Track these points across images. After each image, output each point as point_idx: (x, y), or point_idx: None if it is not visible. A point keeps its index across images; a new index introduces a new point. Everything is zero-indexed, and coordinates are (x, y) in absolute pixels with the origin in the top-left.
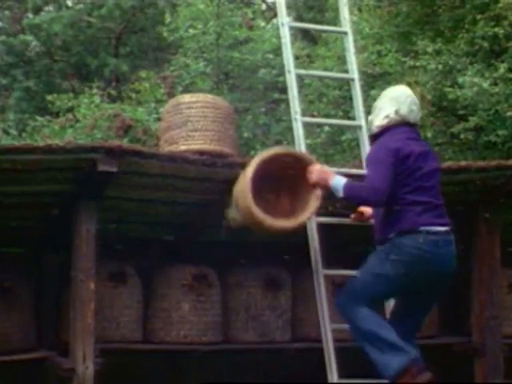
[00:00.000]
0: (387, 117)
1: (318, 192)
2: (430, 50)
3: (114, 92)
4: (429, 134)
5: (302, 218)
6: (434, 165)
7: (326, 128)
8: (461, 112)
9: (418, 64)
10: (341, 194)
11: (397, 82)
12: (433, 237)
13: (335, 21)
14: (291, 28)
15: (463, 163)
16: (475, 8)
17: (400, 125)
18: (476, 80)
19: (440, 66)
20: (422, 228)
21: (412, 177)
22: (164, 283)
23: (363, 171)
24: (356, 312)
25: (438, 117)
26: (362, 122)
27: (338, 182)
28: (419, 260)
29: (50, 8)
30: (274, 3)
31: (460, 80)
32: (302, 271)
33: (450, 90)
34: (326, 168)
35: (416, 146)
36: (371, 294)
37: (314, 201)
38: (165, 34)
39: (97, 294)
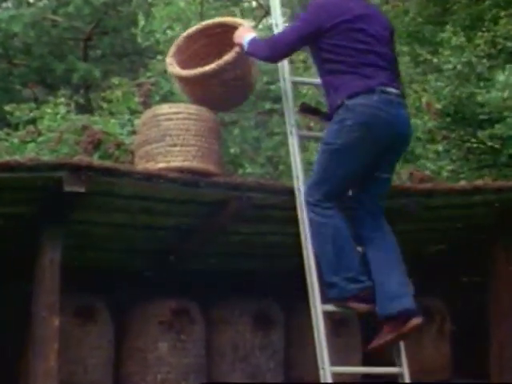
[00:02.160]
0: None
1: (236, 49)
2: (453, 42)
3: (82, 101)
4: (440, 148)
5: (206, 68)
6: (382, 31)
7: None
8: (482, 117)
9: (435, 60)
10: (245, 49)
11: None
12: (386, 96)
13: None
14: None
15: (479, 183)
16: (496, 4)
17: None
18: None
19: (459, 66)
20: (377, 87)
21: (354, 38)
22: (139, 320)
23: None
24: (324, 211)
25: (452, 129)
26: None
27: (248, 37)
28: (375, 120)
29: (9, 4)
30: (265, 0)
31: (500, 78)
32: (297, 306)
33: (478, 91)
34: (249, 28)
35: (358, 7)
36: (335, 174)
37: (228, 54)
38: (139, 39)
39: (61, 333)
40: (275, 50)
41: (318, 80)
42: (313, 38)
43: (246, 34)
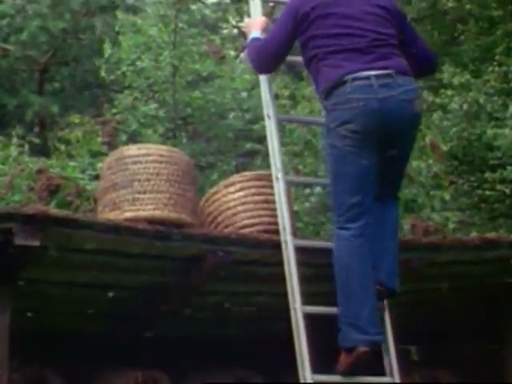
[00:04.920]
0: None
1: None
2: (456, 81)
3: (37, 141)
4: (446, 197)
5: None
6: (369, 8)
7: (317, 189)
8: (493, 162)
9: (438, 100)
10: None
11: None
12: (363, 82)
13: None
14: None
15: (492, 236)
16: (508, 34)
17: None
18: None
19: (465, 106)
20: (346, 77)
21: (326, 24)
22: None
23: None
24: (339, 242)
25: (459, 173)
26: None
27: (253, 35)
28: (357, 113)
29: None
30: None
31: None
32: (283, 377)
33: (489, 130)
34: (259, 20)
35: None
36: (344, 182)
37: None
38: (103, 74)
39: None
40: (262, 61)
41: (306, 118)
42: (292, 37)
43: (256, 28)
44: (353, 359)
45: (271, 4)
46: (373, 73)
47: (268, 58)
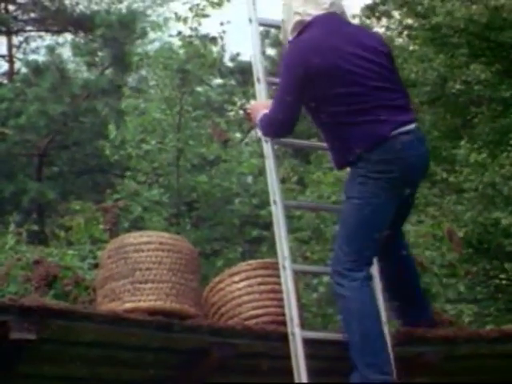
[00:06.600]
0: (297, 13)
1: None
2: (473, 158)
3: (35, 228)
4: (461, 288)
5: None
6: (378, 59)
7: (325, 278)
8: (510, 249)
9: (452, 179)
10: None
11: (417, 215)
12: (407, 137)
13: None
14: (278, 143)
15: (509, 328)
16: None
17: (319, 19)
18: None
19: (481, 187)
20: (392, 133)
21: (344, 81)
22: None
23: None
24: (350, 283)
25: (475, 262)
26: (375, 272)
27: (259, 117)
28: (403, 168)
29: None
30: None
31: None
32: None
33: (504, 210)
34: (265, 103)
35: (344, 41)
36: (367, 231)
37: None
38: (107, 152)
39: None
40: (280, 128)
41: (314, 204)
42: (301, 96)
43: (260, 113)
44: None
45: (274, 88)
46: (411, 127)
47: (283, 125)
